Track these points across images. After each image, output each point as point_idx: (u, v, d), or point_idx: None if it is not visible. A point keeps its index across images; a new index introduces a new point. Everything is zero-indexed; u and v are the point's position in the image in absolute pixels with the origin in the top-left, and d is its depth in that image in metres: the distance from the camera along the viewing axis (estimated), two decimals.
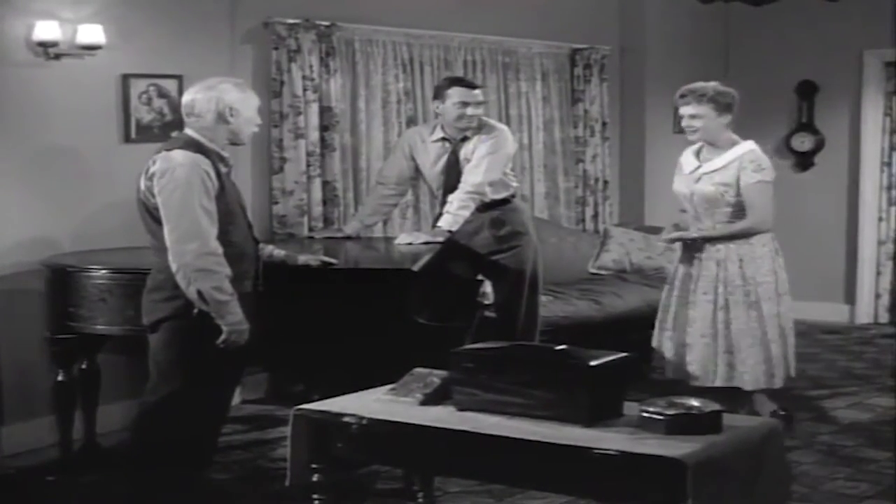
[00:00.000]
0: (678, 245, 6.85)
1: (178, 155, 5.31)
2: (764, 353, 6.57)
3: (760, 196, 6.51)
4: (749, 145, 6.62)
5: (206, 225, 5.28)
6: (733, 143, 6.62)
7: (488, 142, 7.32)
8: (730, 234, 6.54)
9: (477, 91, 7.39)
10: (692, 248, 6.73)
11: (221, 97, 5.44)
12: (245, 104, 5.52)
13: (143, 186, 5.37)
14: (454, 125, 7.35)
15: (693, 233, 6.66)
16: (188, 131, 5.47)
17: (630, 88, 10.91)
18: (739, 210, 6.55)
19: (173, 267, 5.26)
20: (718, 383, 6.60)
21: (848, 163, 11.23)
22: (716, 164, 6.56)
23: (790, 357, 6.73)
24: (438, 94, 7.46)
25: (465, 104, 7.28)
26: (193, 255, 5.22)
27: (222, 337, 5.33)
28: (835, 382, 8.81)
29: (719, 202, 6.52)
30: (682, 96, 6.68)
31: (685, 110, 6.63)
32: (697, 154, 6.69)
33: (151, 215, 5.36)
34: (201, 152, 5.35)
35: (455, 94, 7.31)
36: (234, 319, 5.33)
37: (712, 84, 6.69)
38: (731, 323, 6.56)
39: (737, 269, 6.53)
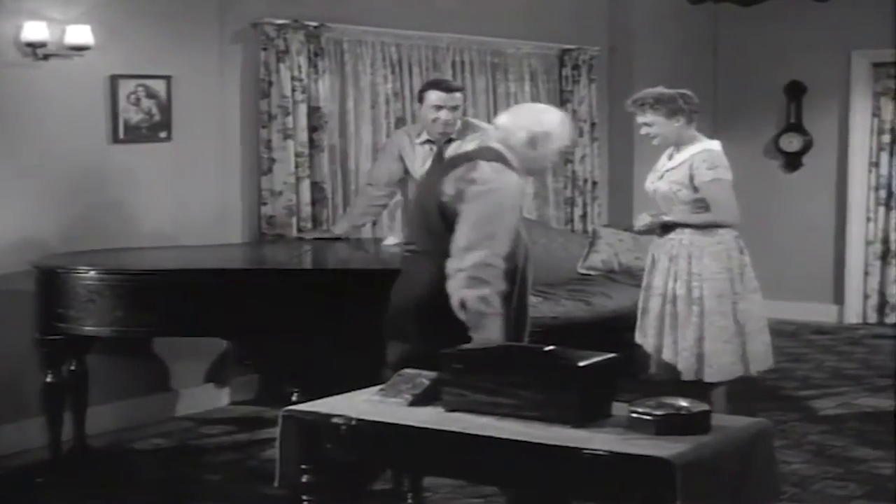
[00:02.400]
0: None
1: (498, 168, 5.15)
2: (698, 349, 6.54)
3: (721, 192, 6.51)
4: (706, 145, 6.61)
5: (505, 240, 5.13)
6: (695, 143, 6.63)
7: (473, 143, 7.30)
8: (697, 223, 6.53)
9: (451, 94, 7.30)
10: (658, 241, 6.74)
11: (540, 121, 5.27)
12: (559, 139, 5.30)
13: (450, 190, 5.17)
14: (430, 128, 7.34)
15: (659, 218, 6.65)
16: (494, 145, 5.25)
17: (619, 89, 10.91)
18: (697, 209, 6.54)
19: (448, 271, 5.05)
20: (664, 377, 6.59)
21: (836, 163, 11.26)
22: (674, 163, 6.59)
23: (750, 355, 6.65)
24: (419, 96, 7.47)
25: (438, 107, 7.24)
26: (474, 263, 5.02)
27: None
28: (824, 382, 8.84)
29: (673, 200, 6.53)
30: (630, 107, 6.72)
31: (638, 119, 6.68)
32: (670, 155, 6.72)
33: (446, 219, 5.18)
34: (509, 169, 5.18)
35: (430, 97, 7.26)
36: (488, 335, 5.11)
37: (656, 90, 6.73)
38: (677, 316, 6.56)
39: (686, 264, 6.52)
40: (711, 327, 6.47)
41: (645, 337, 6.67)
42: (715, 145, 6.64)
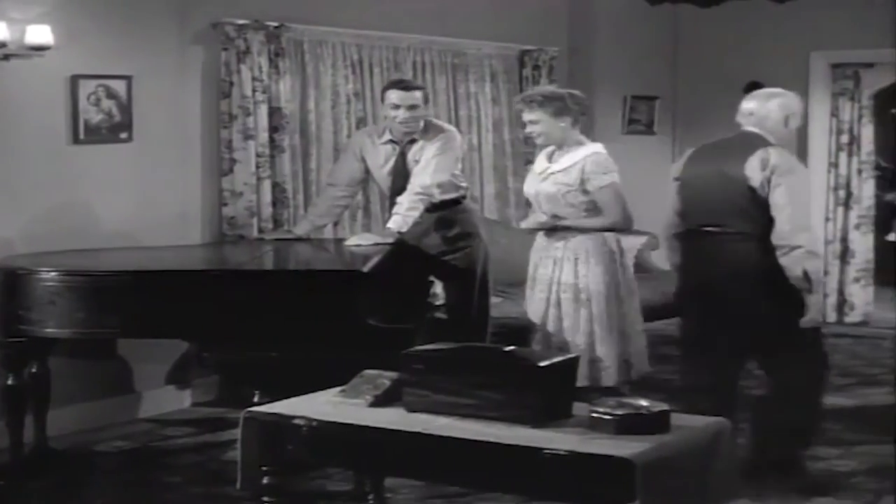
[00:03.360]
0: (540, 237, 6.79)
1: (783, 151, 6.20)
2: (590, 354, 6.53)
3: (613, 197, 6.52)
4: (594, 148, 6.61)
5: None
6: (580, 145, 6.63)
7: (436, 143, 7.32)
8: (587, 227, 6.54)
9: (409, 93, 7.32)
10: (540, 245, 6.71)
11: (788, 104, 6.37)
12: (800, 116, 6.51)
13: (757, 175, 6.09)
14: (392, 128, 7.38)
15: (551, 220, 6.64)
16: (756, 130, 6.35)
17: (579, 89, 10.83)
18: (585, 212, 6.54)
19: (781, 249, 6.02)
20: None
21: None
22: (561, 165, 6.57)
23: (632, 359, 6.67)
24: (381, 96, 7.51)
25: (396, 106, 7.27)
26: (807, 240, 6.07)
27: (808, 315, 6.10)
28: None
29: (560, 202, 6.52)
30: (518, 104, 6.75)
31: (524, 117, 6.68)
32: (550, 156, 6.70)
33: (756, 202, 6.09)
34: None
35: (390, 96, 7.31)
36: (819, 300, 6.18)
37: (546, 88, 6.81)
38: (562, 320, 6.55)
39: (572, 267, 6.52)
40: (599, 332, 6.49)
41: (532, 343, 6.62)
42: (601, 148, 6.64)
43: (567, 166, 6.53)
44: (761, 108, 6.36)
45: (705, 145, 6.77)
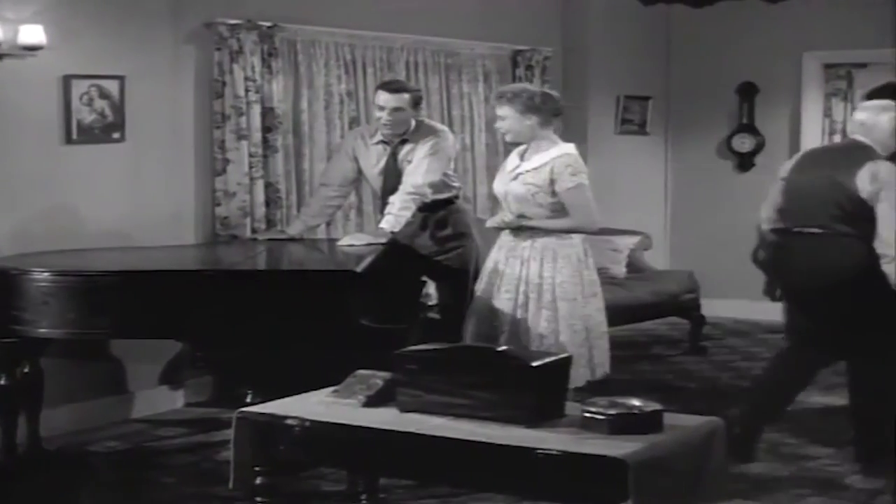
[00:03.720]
0: (505, 235, 6.76)
1: (890, 165, 6.42)
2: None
3: (580, 198, 6.47)
4: (565, 149, 6.56)
5: None
6: (552, 145, 6.59)
7: (428, 143, 7.33)
8: (558, 228, 6.52)
9: (392, 95, 7.31)
10: (507, 243, 6.68)
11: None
12: None
13: (867, 187, 6.34)
14: (380, 127, 7.41)
15: (521, 221, 6.61)
16: (865, 140, 6.57)
17: (572, 90, 10.94)
18: (555, 212, 6.52)
19: (885, 258, 6.29)
20: None
21: None
22: (531, 165, 6.54)
23: (596, 359, 6.66)
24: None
25: (381, 108, 7.30)
26: None
27: None
28: None
29: (529, 202, 6.49)
30: (493, 99, 6.75)
31: (496, 112, 6.66)
32: (521, 155, 6.68)
33: (863, 209, 6.35)
34: None
35: (377, 97, 7.35)
36: None
37: (517, 85, 6.84)
38: (528, 320, 6.52)
39: (538, 267, 6.50)
40: (563, 332, 6.44)
41: (497, 341, 6.57)
42: (572, 149, 6.58)
43: (537, 166, 6.49)
44: (871, 119, 6.66)
45: (815, 149, 7.48)
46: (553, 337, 6.43)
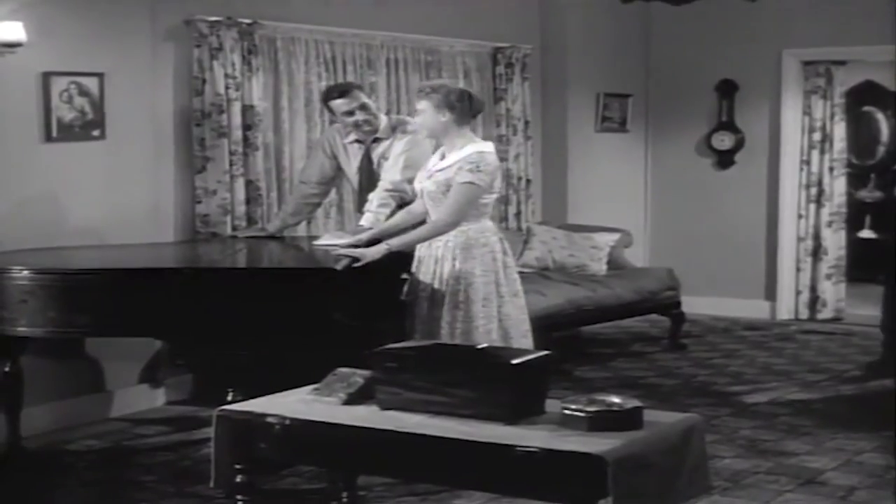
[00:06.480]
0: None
1: None
2: None
3: (460, 195, 6.26)
4: (480, 147, 6.37)
5: None
6: (467, 143, 6.46)
7: (403, 140, 7.31)
8: (412, 241, 6.40)
9: (350, 95, 7.35)
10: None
11: None
12: None
13: None
14: (354, 131, 7.43)
15: (354, 238, 6.55)
16: None
17: (552, 87, 10.97)
18: None
19: None
20: None
21: (768, 161, 11.35)
22: (445, 164, 6.42)
23: None
24: (326, 108, 7.56)
25: (349, 113, 7.32)
26: None
27: None
28: (756, 378, 8.91)
29: (440, 201, 6.39)
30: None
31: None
32: (443, 154, 6.57)
33: None
34: None
35: (336, 107, 7.37)
36: None
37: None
38: (443, 319, 6.40)
39: (451, 266, 6.35)
40: (476, 332, 6.26)
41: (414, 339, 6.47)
42: (487, 147, 6.39)
43: (449, 164, 6.37)
44: None
45: None
46: (465, 338, 6.23)
